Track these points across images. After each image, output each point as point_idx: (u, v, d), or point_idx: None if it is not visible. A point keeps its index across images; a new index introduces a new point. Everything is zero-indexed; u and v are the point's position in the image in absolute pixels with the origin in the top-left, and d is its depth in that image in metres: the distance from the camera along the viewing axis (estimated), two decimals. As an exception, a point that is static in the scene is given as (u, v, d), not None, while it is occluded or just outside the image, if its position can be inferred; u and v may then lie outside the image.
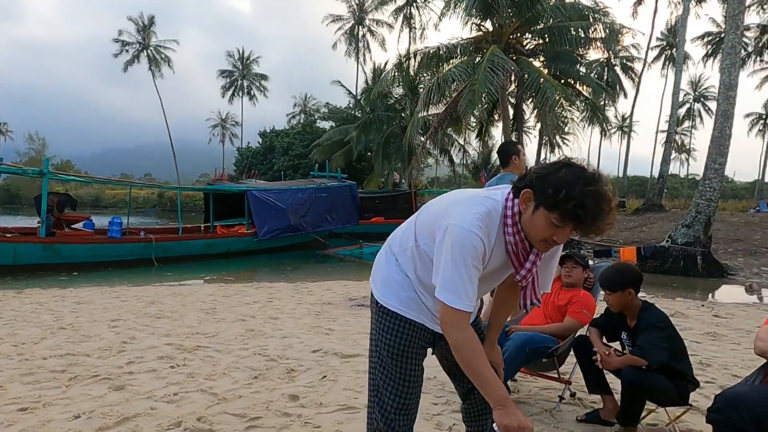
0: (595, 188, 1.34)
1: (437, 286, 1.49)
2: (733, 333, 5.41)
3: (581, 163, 1.41)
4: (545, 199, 1.39)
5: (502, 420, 1.45)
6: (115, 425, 2.69)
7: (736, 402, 1.84)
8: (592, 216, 1.35)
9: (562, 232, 1.41)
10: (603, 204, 1.35)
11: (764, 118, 49.23)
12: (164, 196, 45.52)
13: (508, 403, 1.46)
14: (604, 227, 1.37)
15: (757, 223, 18.76)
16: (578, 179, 1.35)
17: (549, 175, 1.40)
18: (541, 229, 1.43)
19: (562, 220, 1.38)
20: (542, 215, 1.41)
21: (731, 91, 11.95)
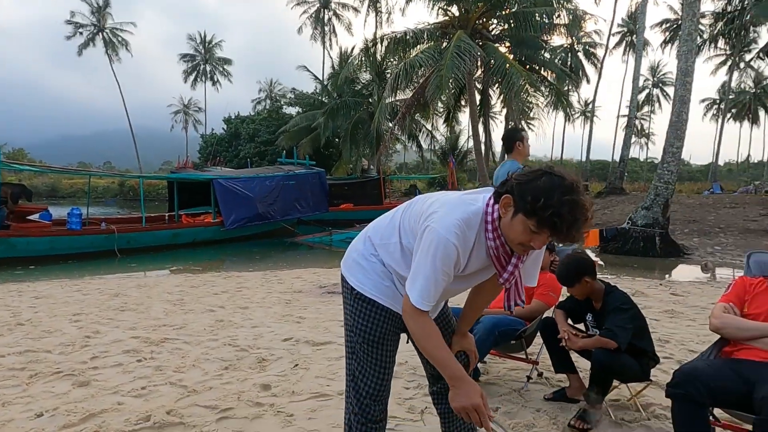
0: (572, 197, 1.37)
1: (408, 279, 1.56)
2: (689, 310, 5.66)
3: (561, 172, 1.44)
4: (524, 206, 1.42)
5: (453, 401, 1.56)
6: (80, 422, 2.62)
7: (693, 376, 1.93)
8: (568, 224, 1.38)
9: (539, 238, 1.45)
10: (579, 213, 1.38)
11: (718, 103, 51.16)
12: (126, 185, 44.04)
13: (459, 383, 1.55)
14: (579, 235, 1.41)
15: (711, 204, 19.59)
16: (556, 188, 1.38)
17: (529, 182, 1.43)
18: (519, 234, 1.47)
19: (540, 227, 1.41)
20: (520, 221, 1.44)
21: (688, 77, 12.34)
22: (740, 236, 14.41)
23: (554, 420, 2.68)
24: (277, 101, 45.69)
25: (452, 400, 1.56)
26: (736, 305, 2.28)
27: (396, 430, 2.54)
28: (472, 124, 19.57)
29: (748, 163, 63.47)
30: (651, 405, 2.85)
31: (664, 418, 2.68)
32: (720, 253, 12.64)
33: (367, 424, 1.76)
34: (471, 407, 1.53)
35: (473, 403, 1.53)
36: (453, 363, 1.57)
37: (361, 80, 28.70)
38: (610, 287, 2.76)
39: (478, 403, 1.53)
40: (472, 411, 1.53)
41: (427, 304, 1.51)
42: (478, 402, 1.53)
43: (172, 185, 16.26)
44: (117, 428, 2.54)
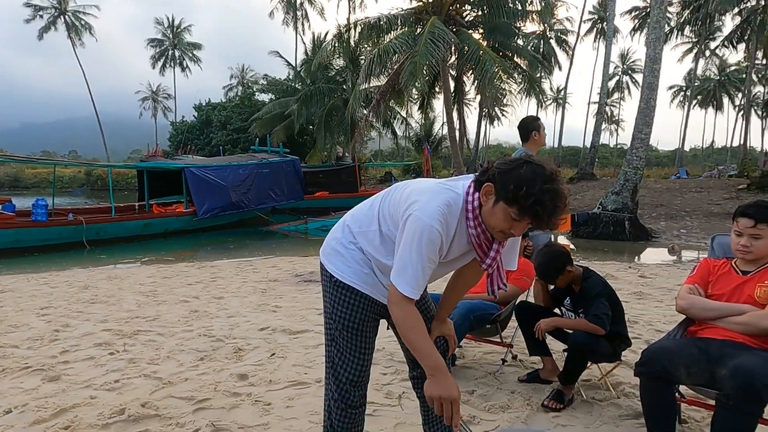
0: (553, 186, 1.41)
1: (393, 270, 1.55)
2: (656, 291, 5.85)
3: (541, 161, 1.48)
4: (506, 194, 1.45)
5: (428, 390, 1.55)
6: (51, 417, 2.56)
7: (660, 355, 2.00)
8: (548, 212, 1.41)
9: (519, 225, 1.48)
10: (559, 201, 1.42)
11: (684, 91, 52.49)
12: (93, 175, 42.78)
13: (438, 373, 1.54)
14: (557, 223, 1.45)
15: (678, 189, 20.18)
16: (538, 177, 1.41)
17: (511, 171, 1.46)
18: (500, 222, 1.49)
19: (521, 214, 1.44)
20: (501, 208, 1.47)
21: (656, 64, 12.60)
22: (705, 219, 14.91)
23: (528, 401, 2.74)
24: (250, 88, 44.79)
25: (428, 388, 1.56)
26: (700, 286, 2.36)
27: (374, 415, 2.57)
28: (446, 111, 19.61)
29: (713, 149, 65.57)
30: (620, 384, 2.94)
31: (632, 395, 2.78)
32: (686, 236, 13.07)
33: (346, 409, 1.77)
34: (446, 398, 1.52)
35: (449, 395, 1.52)
36: (435, 355, 1.57)
37: (335, 66, 28.37)
38: (588, 272, 2.83)
39: (454, 396, 1.52)
40: (447, 402, 1.52)
41: (415, 293, 1.51)
42: (454, 395, 1.52)
43: (142, 174, 15.86)
44: (90, 423, 2.49)
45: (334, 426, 1.79)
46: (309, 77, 28.71)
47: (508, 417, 2.55)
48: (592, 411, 2.64)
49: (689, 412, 2.56)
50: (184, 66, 56.37)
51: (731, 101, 50.91)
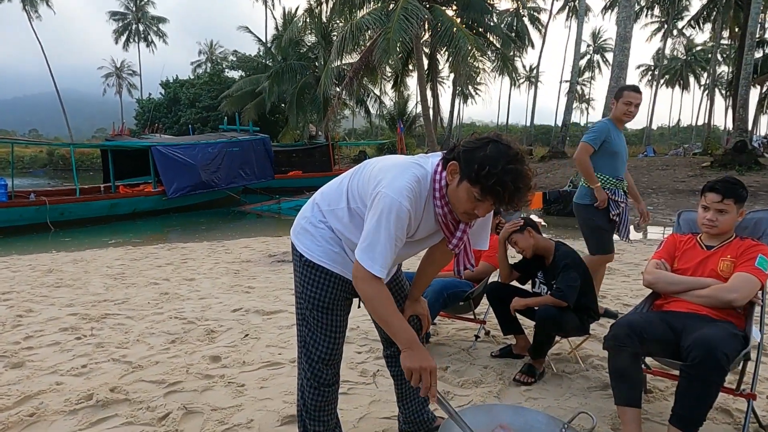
0: (515, 167, 1.39)
1: (358, 246, 1.51)
2: (624, 267, 6.01)
3: (507, 141, 1.45)
4: (469, 173, 1.43)
5: (405, 362, 1.52)
6: (15, 405, 2.48)
7: (628, 329, 2.04)
8: (509, 193, 1.40)
9: (483, 206, 1.46)
10: (521, 182, 1.40)
11: (652, 70, 53.43)
12: (55, 155, 41.18)
13: (413, 346, 1.53)
14: (521, 204, 1.44)
15: (645, 166, 20.68)
16: (501, 157, 1.39)
17: (475, 150, 1.43)
18: (464, 202, 1.47)
19: (483, 194, 1.42)
20: (465, 188, 1.45)
21: (626, 42, 12.76)
22: (670, 196, 15.37)
23: (501, 375, 2.79)
24: (219, 64, 43.56)
25: (404, 360, 1.53)
26: (667, 261, 2.42)
27: (349, 393, 2.57)
28: (420, 89, 19.49)
29: (679, 127, 67.32)
30: (589, 357, 3.02)
31: (601, 368, 2.86)
32: (652, 212, 13.43)
33: (319, 388, 1.76)
34: (425, 368, 1.50)
35: (428, 365, 1.50)
36: (406, 328, 1.55)
37: (307, 43, 27.76)
38: (559, 244, 2.87)
39: (432, 366, 1.50)
40: (426, 372, 1.50)
41: (381, 270, 1.48)
42: (432, 364, 1.50)
43: (107, 154, 15.34)
44: (56, 409, 2.43)
45: (308, 405, 1.79)
46: (280, 54, 28.04)
47: (481, 392, 2.60)
48: (562, 384, 2.70)
49: (654, 383, 2.65)
50: (149, 41, 54.36)
51: (697, 81, 52.18)
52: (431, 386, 1.50)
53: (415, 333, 1.56)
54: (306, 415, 1.80)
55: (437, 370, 1.56)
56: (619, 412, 2.02)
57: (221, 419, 2.33)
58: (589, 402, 2.48)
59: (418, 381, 1.51)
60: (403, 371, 1.52)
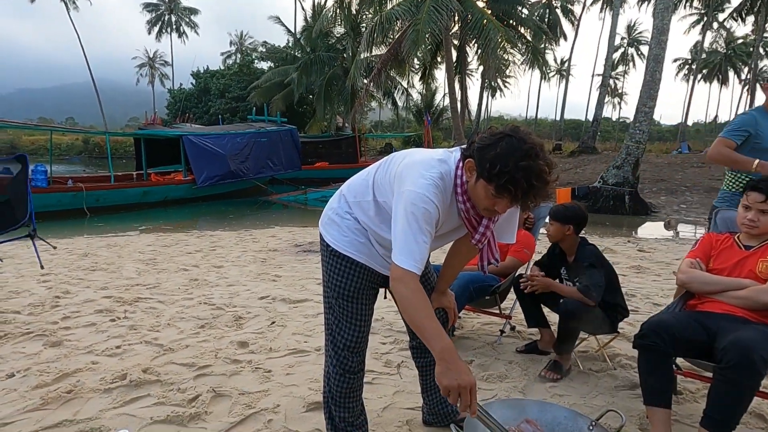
0: (528, 163, 1.33)
1: (393, 247, 1.48)
2: (655, 266, 5.87)
3: (522, 135, 1.38)
4: (483, 172, 1.40)
5: (441, 379, 1.37)
6: (54, 382, 2.59)
7: (660, 328, 2.00)
8: (523, 191, 1.35)
9: (501, 203, 1.42)
10: (534, 179, 1.33)
11: (690, 64, 51.68)
12: (90, 142, 42.46)
13: (448, 357, 1.38)
14: (539, 199, 1.38)
15: (679, 164, 20.09)
16: (513, 153, 1.34)
17: (488, 147, 1.39)
18: (483, 199, 1.45)
19: (498, 192, 1.38)
20: (482, 186, 1.42)
21: (663, 35, 12.35)
22: (705, 194, 14.90)
23: (525, 371, 2.77)
24: (248, 55, 43.97)
25: (441, 377, 1.37)
26: (702, 260, 2.35)
27: (373, 383, 2.60)
28: (448, 81, 19.31)
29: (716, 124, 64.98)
30: (617, 355, 2.97)
31: (629, 367, 2.81)
32: (685, 210, 13.08)
33: (344, 375, 1.79)
34: (464, 386, 1.34)
35: (466, 382, 1.34)
36: (441, 335, 1.41)
37: (335, 34, 27.80)
38: (584, 241, 2.82)
39: (471, 383, 1.35)
40: (465, 390, 1.34)
41: (417, 267, 1.44)
42: (471, 381, 1.35)
43: (140, 142, 15.72)
44: (92, 387, 2.52)
45: (333, 391, 1.81)
46: (309, 45, 28.15)
47: (505, 387, 2.59)
48: (589, 381, 2.67)
49: (685, 384, 2.59)
50: (180, 32, 55.26)
51: (737, 75, 50.19)
52: (471, 404, 1.36)
53: (451, 342, 1.43)
54: (332, 402, 1.83)
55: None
56: (648, 413, 1.98)
57: (248, 403, 2.38)
58: (616, 401, 2.44)
59: (456, 399, 1.36)
60: (440, 388, 1.39)
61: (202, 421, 2.23)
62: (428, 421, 2.16)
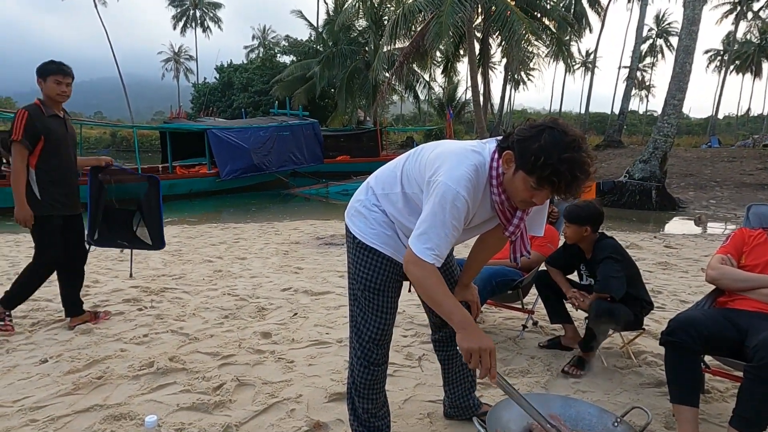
0: (572, 155, 1.33)
1: (413, 233, 1.49)
2: (682, 262, 5.74)
3: (564, 127, 1.38)
4: (524, 164, 1.39)
5: (463, 343, 1.45)
6: (84, 368, 2.67)
7: (688, 325, 1.96)
8: (566, 183, 1.35)
9: (541, 194, 1.42)
10: (578, 171, 1.34)
11: (721, 55, 50.13)
12: (118, 136, 43.38)
13: (468, 326, 1.46)
14: (579, 192, 1.39)
15: (708, 158, 19.55)
16: (556, 145, 1.34)
17: (529, 139, 1.39)
18: (521, 191, 1.44)
19: (539, 184, 1.38)
20: (521, 178, 1.42)
21: (694, 26, 12.00)
22: (735, 190, 14.48)
23: (548, 366, 2.75)
24: (271, 49, 44.25)
25: (462, 341, 1.45)
26: (733, 256, 2.29)
27: (395, 375, 2.61)
28: (471, 74, 19.12)
29: (748, 117, 62.97)
30: (643, 353, 2.92)
31: (654, 365, 2.76)
32: (715, 206, 12.73)
33: (369, 366, 1.80)
34: (485, 349, 1.42)
35: (487, 346, 1.42)
36: (459, 308, 1.49)
37: (357, 27, 27.75)
38: (601, 235, 2.78)
39: (491, 346, 1.43)
40: (486, 353, 1.42)
41: (435, 258, 1.45)
42: (491, 345, 1.43)
43: (165, 136, 16.00)
44: (121, 374, 2.59)
45: (357, 383, 1.83)
46: (331, 39, 28.19)
47: (527, 381, 2.57)
48: (613, 378, 2.63)
49: (713, 383, 2.54)
50: (205, 26, 55.92)
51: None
52: (491, 367, 1.43)
53: (468, 313, 1.50)
54: (355, 393, 1.84)
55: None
56: (675, 411, 1.95)
57: (272, 392, 2.42)
58: (641, 399, 2.40)
59: (477, 362, 1.43)
60: (460, 353, 1.46)
61: (226, 408, 2.27)
62: (450, 414, 2.16)
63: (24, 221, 3.04)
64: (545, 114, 57.33)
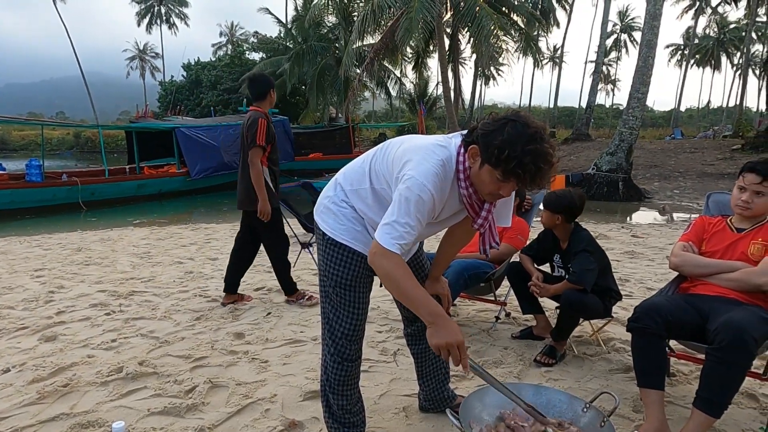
0: (535, 147, 1.35)
1: (379, 225, 1.48)
2: (648, 251, 5.91)
3: (525, 119, 1.41)
4: (489, 157, 1.41)
5: (432, 339, 1.45)
6: (50, 376, 2.59)
7: (652, 311, 2.02)
8: (531, 174, 1.37)
9: (507, 186, 1.44)
10: (541, 162, 1.36)
11: (682, 49, 51.65)
12: (82, 137, 42.05)
13: (437, 320, 1.45)
14: (544, 183, 1.41)
15: (672, 149, 20.17)
16: (519, 138, 1.36)
17: (493, 132, 1.41)
18: (488, 184, 1.46)
19: (505, 176, 1.40)
20: (487, 171, 1.43)
21: (656, 21, 12.33)
22: (698, 180, 14.97)
23: (521, 356, 2.79)
24: (240, 46, 43.50)
25: (431, 338, 1.46)
26: (694, 243, 2.37)
27: (370, 371, 2.61)
28: (441, 70, 19.22)
29: (708, 109, 65.21)
30: (611, 340, 3.00)
31: (623, 351, 2.84)
32: (678, 196, 13.14)
33: (342, 363, 1.79)
34: (452, 344, 1.43)
35: (454, 340, 1.43)
36: (429, 301, 1.48)
37: (327, 24, 27.54)
38: (576, 227, 2.83)
39: (459, 340, 1.43)
40: (453, 347, 1.43)
41: (399, 248, 1.45)
42: (459, 339, 1.43)
43: (132, 136, 15.59)
44: (89, 381, 2.52)
45: (331, 379, 1.82)
46: (300, 35, 27.89)
47: (501, 372, 2.60)
48: (583, 365, 2.69)
49: (678, 366, 2.62)
50: (171, 23, 54.64)
51: (729, 60, 50.26)
52: (462, 359, 1.44)
53: (438, 306, 1.49)
54: (329, 390, 1.83)
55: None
56: (642, 395, 2.00)
57: (246, 393, 2.39)
58: (610, 384, 2.47)
59: (447, 356, 1.45)
60: (431, 347, 1.47)
61: (199, 411, 2.23)
62: (425, 407, 2.18)
63: (267, 214, 3.60)
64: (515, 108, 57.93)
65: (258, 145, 3.51)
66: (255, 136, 3.48)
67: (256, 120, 3.52)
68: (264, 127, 3.53)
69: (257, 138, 3.49)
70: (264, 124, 3.54)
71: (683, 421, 1.97)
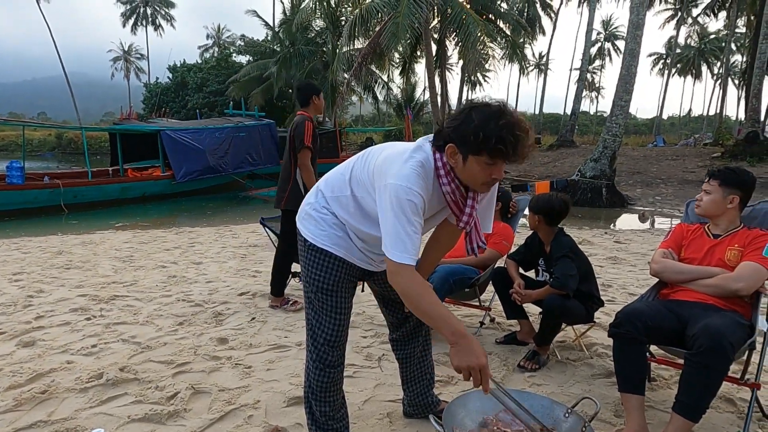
0: (506, 120, 1.40)
1: (384, 244, 1.49)
2: (630, 257, 5.99)
3: (484, 102, 1.46)
4: (469, 148, 1.44)
5: (454, 360, 1.43)
6: (27, 382, 2.53)
7: (633, 317, 2.05)
8: (512, 146, 1.40)
9: (496, 168, 1.47)
10: (517, 130, 1.40)
11: (664, 58, 52.62)
12: (64, 138, 41.33)
13: (461, 340, 1.42)
14: (526, 151, 1.44)
15: (654, 156, 20.49)
16: (489, 117, 1.40)
17: (462, 124, 1.45)
18: (479, 174, 1.48)
19: (492, 157, 1.43)
20: (473, 161, 1.45)
21: (639, 30, 12.54)
22: (679, 186, 15.23)
23: (505, 361, 2.81)
24: (226, 49, 43.32)
25: (453, 358, 1.42)
26: (674, 250, 2.41)
27: (354, 376, 2.60)
28: (428, 75, 19.32)
29: (690, 117, 66.46)
30: (594, 345, 3.03)
31: (605, 356, 2.87)
32: (660, 202, 13.34)
33: (324, 369, 1.79)
34: (473, 368, 1.39)
35: (477, 364, 1.39)
36: (451, 319, 1.44)
37: (315, 28, 27.57)
38: (559, 234, 2.86)
39: (482, 363, 1.39)
40: (474, 371, 1.39)
41: (411, 258, 1.45)
42: (482, 362, 1.39)
43: (115, 138, 15.39)
44: (68, 387, 2.47)
45: (312, 386, 1.81)
46: (288, 39, 27.87)
47: (485, 377, 2.61)
48: (566, 371, 2.72)
49: (659, 371, 2.66)
50: (156, 24, 54.17)
51: (709, 70, 51.37)
52: (483, 383, 1.41)
53: (461, 324, 1.45)
54: (312, 396, 1.83)
55: (440, 355, 1.52)
56: (623, 399, 2.03)
57: (228, 399, 2.37)
58: (592, 389, 2.49)
59: (468, 378, 1.41)
60: (418, 352, 1.47)
61: (180, 418, 2.21)
62: (409, 413, 2.18)
63: None
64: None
65: (306, 146, 3.66)
66: (303, 137, 3.64)
67: (303, 123, 3.68)
68: (311, 129, 3.70)
69: (305, 139, 3.64)
70: (310, 127, 3.71)
71: (663, 425, 2.00)
